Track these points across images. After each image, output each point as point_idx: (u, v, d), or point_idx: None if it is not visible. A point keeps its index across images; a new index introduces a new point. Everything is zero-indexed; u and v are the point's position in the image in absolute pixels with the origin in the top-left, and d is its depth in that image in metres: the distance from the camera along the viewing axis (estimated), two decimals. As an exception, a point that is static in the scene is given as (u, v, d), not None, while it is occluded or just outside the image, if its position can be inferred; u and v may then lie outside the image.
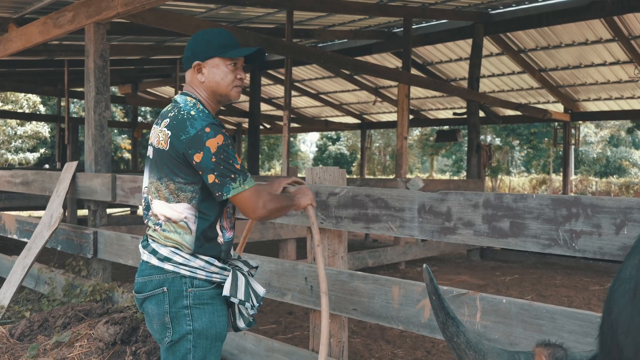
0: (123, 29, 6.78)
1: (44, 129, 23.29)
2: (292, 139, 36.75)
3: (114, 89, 16.66)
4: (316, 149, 40.26)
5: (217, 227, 1.99)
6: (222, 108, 15.70)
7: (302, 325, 4.81)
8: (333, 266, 2.88)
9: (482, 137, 28.65)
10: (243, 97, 14.89)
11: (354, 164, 35.67)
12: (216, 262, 1.98)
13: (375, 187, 4.27)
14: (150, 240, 1.99)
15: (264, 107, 15.17)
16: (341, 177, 3.00)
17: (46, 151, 26.12)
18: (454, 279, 6.95)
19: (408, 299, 2.46)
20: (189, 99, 1.99)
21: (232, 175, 1.87)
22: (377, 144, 33.56)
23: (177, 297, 1.91)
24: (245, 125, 17.18)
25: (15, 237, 5.12)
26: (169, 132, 1.90)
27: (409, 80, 7.96)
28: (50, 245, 4.71)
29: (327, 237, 2.90)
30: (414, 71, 10.72)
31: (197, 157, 1.84)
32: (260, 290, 2.10)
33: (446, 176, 35.29)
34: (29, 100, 22.33)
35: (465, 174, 10.88)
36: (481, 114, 10.27)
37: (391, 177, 24.23)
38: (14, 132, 22.78)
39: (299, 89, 13.93)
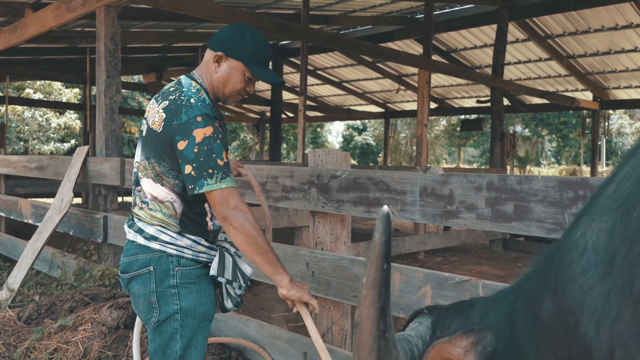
0: (142, 14, 6.76)
1: (76, 122, 23.82)
2: (318, 129, 36.64)
3: (140, 77, 16.79)
4: (342, 139, 40.07)
5: (207, 218, 1.97)
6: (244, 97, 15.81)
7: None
8: (335, 252, 2.80)
9: (510, 127, 28.12)
10: (265, 86, 14.86)
11: (380, 155, 35.40)
12: (203, 242, 1.94)
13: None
14: (136, 220, 1.95)
15: (287, 95, 15.11)
16: (344, 160, 2.91)
17: (76, 141, 26.62)
18: (474, 269, 6.79)
19: (409, 285, 2.36)
20: (194, 83, 1.92)
21: (210, 170, 1.77)
22: (404, 135, 33.24)
23: (164, 276, 1.87)
24: (268, 114, 17.19)
25: (30, 221, 5.16)
26: (164, 115, 1.84)
27: (430, 67, 7.78)
28: (62, 229, 4.73)
29: (329, 222, 2.82)
30: (437, 58, 10.51)
31: (181, 145, 1.78)
32: (248, 270, 2.04)
33: (474, 167, 34.79)
34: (61, 92, 22.81)
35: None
36: (506, 102, 10.02)
37: (410, 166, 23.93)
38: (48, 123, 23.36)
39: (321, 77, 13.81)
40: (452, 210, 2.22)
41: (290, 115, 16.42)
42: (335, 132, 45.97)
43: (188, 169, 1.77)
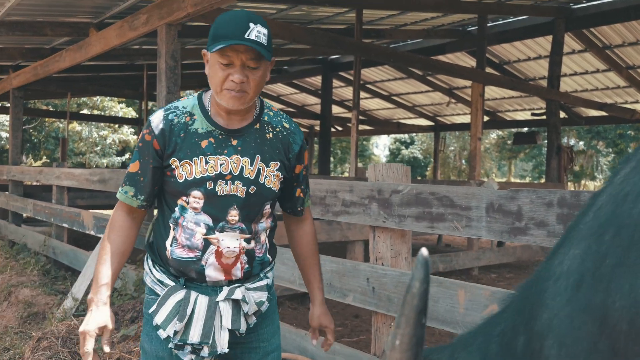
0: (197, 32, 6.93)
1: (131, 137, 24.71)
2: (364, 142, 36.60)
3: (192, 92, 17.19)
4: (389, 152, 39.87)
5: (167, 242, 1.70)
6: (289, 109, 15.85)
7: (368, 329, 4.70)
8: (396, 267, 2.76)
9: (563, 139, 27.33)
10: (314, 100, 14.97)
11: (428, 168, 35.02)
12: (154, 272, 1.73)
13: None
14: None
15: (336, 109, 15.16)
16: (405, 175, 2.88)
17: (131, 155, 27.50)
18: (531, 286, 6.58)
19: (474, 303, 2.30)
20: (202, 92, 1.76)
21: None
22: (453, 148, 32.79)
23: (144, 303, 1.81)
24: (317, 128, 17.28)
25: (92, 232, 5.33)
26: None
27: (484, 79, 7.66)
28: (123, 241, 4.85)
29: (390, 237, 2.79)
30: (489, 70, 10.35)
31: None
32: (197, 334, 1.66)
33: (525, 181, 33.92)
34: (114, 110, 23.72)
35: (544, 179, 10.35)
36: (562, 114, 9.75)
37: (463, 180, 23.56)
38: (103, 139, 24.34)
39: (370, 90, 13.81)
40: (521, 226, 2.15)
41: (339, 128, 16.46)
42: (382, 145, 45.81)
43: None
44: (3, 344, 4.04)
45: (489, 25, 8.75)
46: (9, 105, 13.94)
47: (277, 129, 1.75)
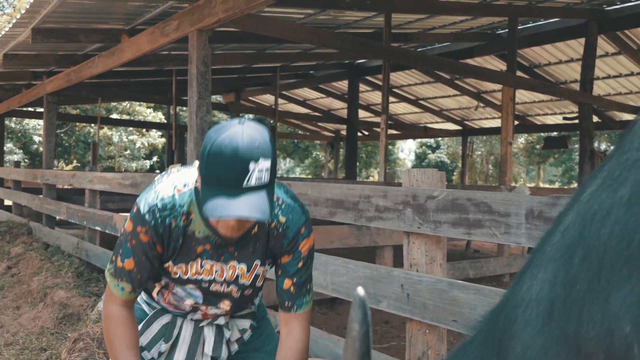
0: (226, 38, 6.99)
1: (159, 140, 25.10)
2: (390, 146, 36.44)
3: (218, 97, 17.36)
4: (415, 157, 39.64)
5: (154, 291, 1.71)
6: (315, 113, 15.84)
7: (398, 335, 4.66)
8: (431, 273, 2.73)
9: (595, 144, 26.81)
10: (341, 104, 14.97)
11: (454, 173, 34.71)
12: (144, 293, 1.78)
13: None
14: None
15: (362, 113, 15.13)
16: (440, 180, 2.84)
17: (159, 159, 27.86)
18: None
19: (513, 311, 2.25)
20: (195, 168, 1.62)
21: (113, 257, 1.60)
22: (480, 152, 32.45)
23: None
24: (344, 132, 17.26)
25: (124, 236, 5.39)
26: None
27: (514, 83, 7.56)
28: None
29: (424, 243, 2.75)
30: (519, 74, 10.21)
31: None
32: (181, 357, 1.70)
33: (555, 186, 33.36)
34: (143, 114, 24.13)
35: (576, 184, 10.15)
36: (595, 118, 9.57)
37: (494, 186, 23.31)
38: (132, 143, 24.77)
39: (397, 94, 13.75)
40: (563, 233, 2.10)
41: (366, 133, 16.42)
42: (407, 149, 45.55)
43: None
44: (40, 344, 4.11)
45: (519, 28, 8.63)
46: (41, 110, 14.26)
47: (273, 225, 1.62)
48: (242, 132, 1.36)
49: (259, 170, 1.35)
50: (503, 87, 7.70)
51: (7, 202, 11.81)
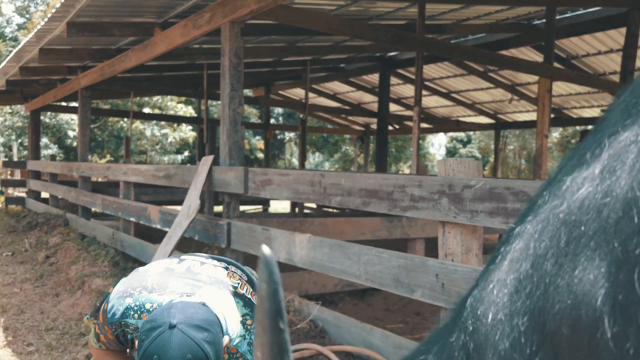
0: (257, 31, 7.00)
1: (190, 134, 25.43)
2: (420, 141, 36.12)
3: (248, 91, 17.44)
4: (445, 151, 39.24)
5: None
6: (345, 107, 15.75)
7: (429, 327, 4.61)
8: (467, 264, 2.69)
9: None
10: (371, 98, 14.88)
11: (486, 168, 34.24)
12: None
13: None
14: None
15: (393, 107, 15.02)
16: (477, 170, 2.79)
17: (190, 153, 28.22)
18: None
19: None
20: None
21: (96, 316, 1.81)
22: (512, 147, 31.93)
23: None
24: (374, 126, 17.16)
25: (158, 226, 5.47)
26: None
27: (552, 75, 7.39)
28: (188, 234, 4.96)
29: (460, 233, 2.72)
30: (556, 65, 9.99)
31: None
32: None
33: (589, 181, 32.47)
34: (175, 109, 24.44)
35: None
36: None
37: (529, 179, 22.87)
38: (164, 137, 25.15)
39: (429, 88, 13.60)
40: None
41: (396, 127, 16.30)
42: (437, 144, 45.12)
43: None
44: (79, 330, 4.21)
45: (557, 18, 8.42)
46: (75, 104, 14.53)
47: None
48: (171, 342, 1.35)
49: None
50: (539, 79, 7.53)
51: (44, 195, 12.10)
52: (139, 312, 1.62)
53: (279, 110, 29.62)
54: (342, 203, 3.38)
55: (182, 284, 1.60)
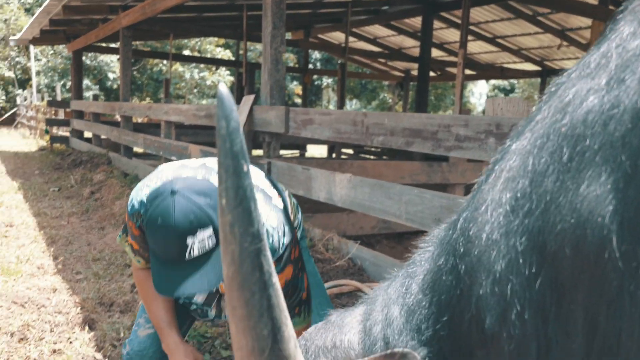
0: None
1: (228, 78, 25.43)
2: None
3: (287, 34, 17.19)
4: (486, 99, 38.30)
5: None
6: (385, 52, 15.40)
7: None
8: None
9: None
10: (413, 42, 14.49)
11: (527, 118, 33.38)
12: None
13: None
14: None
15: (435, 52, 14.62)
16: (526, 109, 2.72)
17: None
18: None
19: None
20: None
21: (125, 226, 1.82)
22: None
23: None
24: (414, 72, 16.80)
25: (199, 165, 5.55)
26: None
27: (607, 17, 7.03)
28: (228, 173, 5.02)
29: (507, 173, 2.67)
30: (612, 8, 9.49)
31: None
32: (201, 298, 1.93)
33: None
34: (214, 52, 24.37)
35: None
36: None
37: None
38: (203, 81, 25.25)
39: (473, 32, 13.14)
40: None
41: (438, 73, 15.92)
42: (477, 93, 43.98)
43: None
44: (124, 261, 4.37)
45: (613, -44, 7.94)
46: (115, 45, 14.62)
47: None
48: (173, 206, 1.36)
49: (199, 241, 1.37)
50: (593, 23, 7.18)
51: (87, 135, 12.39)
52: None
53: (316, 55, 29.23)
54: (384, 143, 3.35)
55: (195, 174, 1.61)
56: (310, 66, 24.92)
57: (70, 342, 2.98)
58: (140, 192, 1.65)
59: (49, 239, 5.07)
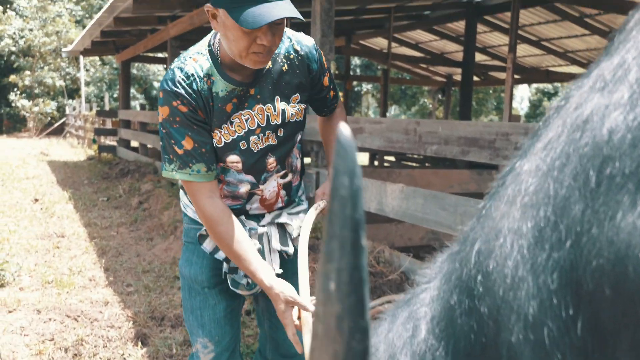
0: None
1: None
2: (502, 94, 34.68)
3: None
4: (528, 105, 37.54)
5: (222, 185, 1.78)
6: (428, 57, 15.26)
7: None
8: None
9: None
10: (456, 47, 14.29)
11: (573, 122, 32.51)
12: None
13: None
14: None
15: (478, 57, 14.39)
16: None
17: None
18: None
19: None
20: (206, 42, 1.64)
21: (170, 156, 1.58)
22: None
23: (184, 231, 1.92)
24: (456, 77, 16.56)
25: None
26: None
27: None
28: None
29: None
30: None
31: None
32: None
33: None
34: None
35: None
36: None
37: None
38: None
39: (517, 35, 12.87)
40: None
41: (481, 78, 15.66)
42: (519, 97, 43.15)
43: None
44: (174, 273, 4.40)
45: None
46: (161, 55, 14.91)
47: (291, 57, 1.66)
48: None
49: None
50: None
51: (133, 144, 12.67)
52: (185, 59, 1.60)
53: (356, 61, 29.19)
54: (438, 152, 3.27)
55: None
56: (351, 72, 24.90)
57: (124, 359, 2.99)
58: (167, 75, 1.58)
59: (99, 250, 5.17)
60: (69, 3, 27.19)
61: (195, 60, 1.58)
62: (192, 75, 1.55)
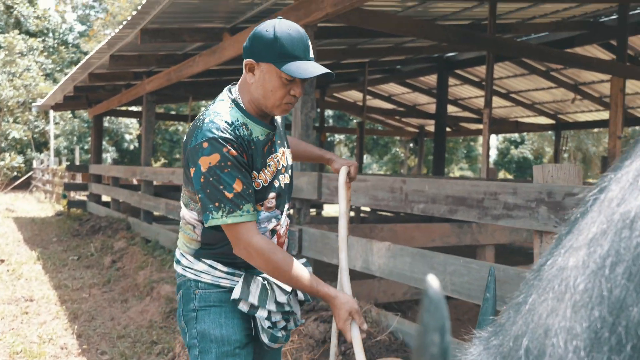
0: (324, 34, 6.92)
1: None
2: (471, 142, 35.46)
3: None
4: (497, 152, 38.39)
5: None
6: (401, 109, 15.57)
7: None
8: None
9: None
10: (428, 99, 14.63)
11: (540, 169, 33.23)
12: (220, 266, 1.81)
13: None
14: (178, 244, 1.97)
15: (449, 108, 14.73)
16: (577, 176, 2.63)
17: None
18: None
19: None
20: (227, 97, 1.77)
21: (217, 203, 1.64)
22: (566, 148, 30.91)
23: (187, 300, 1.84)
24: (429, 128, 16.88)
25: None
26: (185, 136, 1.78)
27: (625, 73, 7.05)
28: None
29: (563, 244, 2.55)
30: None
31: (191, 172, 1.69)
32: (282, 297, 1.81)
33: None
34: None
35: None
36: None
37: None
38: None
39: (492, 91, 13.25)
40: None
41: (453, 128, 15.99)
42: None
43: (199, 198, 1.70)
44: (151, 338, 4.22)
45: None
46: (135, 109, 14.87)
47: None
48: (288, 21, 1.67)
49: (310, 45, 1.70)
50: (612, 78, 7.19)
51: (104, 198, 12.41)
52: (223, 110, 1.73)
53: (328, 112, 29.61)
54: (425, 210, 3.26)
55: None
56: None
57: None
58: (209, 125, 1.66)
59: (70, 315, 4.93)
60: (39, 56, 27.11)
61: (227, 112, 1.72)
62: (233, 123, 1.69)
